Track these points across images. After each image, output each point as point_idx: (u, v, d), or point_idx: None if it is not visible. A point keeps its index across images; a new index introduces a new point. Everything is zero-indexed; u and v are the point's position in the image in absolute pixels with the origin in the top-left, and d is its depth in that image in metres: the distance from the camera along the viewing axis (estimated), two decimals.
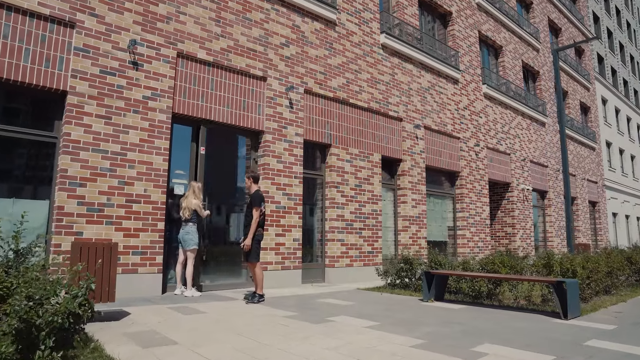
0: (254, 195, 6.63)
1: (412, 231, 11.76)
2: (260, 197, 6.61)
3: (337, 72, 10.38)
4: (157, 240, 7.00)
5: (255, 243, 6.48)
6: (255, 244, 6.50)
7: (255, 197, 6.59)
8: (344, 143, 10.34)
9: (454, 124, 14.09)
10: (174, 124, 7.72)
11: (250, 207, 6.59)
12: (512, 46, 18.45)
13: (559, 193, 20.38)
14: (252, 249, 6.44)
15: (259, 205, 6.52)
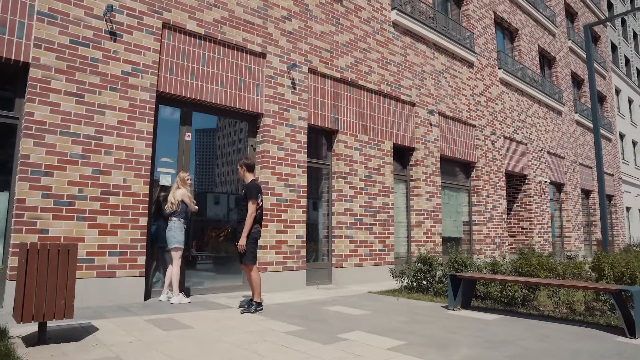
0: (249, 186, 5.65)
1: (427, 227, 10.76)
2: (256, 188, 5.64)
3: (344, 50, 9.35)
4: (138, 238, 6.02)
5: (251, 242, 5.52)
6: (252, 244, 5.53)
7: (250, 188, 5.61)
8: (352, 129, 9.32)
9: (470, 110, 13.05)
10: (159, 104, 6.72)
11: (244, 199, 5.62)
12: (528, 30, 17.34)
13: (576, 186, 19.33)
14: (248, 249, 5.48)
15: (255, 198, 5.55)
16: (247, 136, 7.87)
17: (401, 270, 7.80)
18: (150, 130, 6.31)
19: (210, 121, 7.55)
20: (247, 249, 5.47)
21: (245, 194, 5.61)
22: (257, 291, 5.58)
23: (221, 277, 7.36)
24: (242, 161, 5.85)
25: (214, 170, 7.68)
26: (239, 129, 7.94)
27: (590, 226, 21.09)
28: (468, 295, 6.26)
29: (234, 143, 7.92)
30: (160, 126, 6.74)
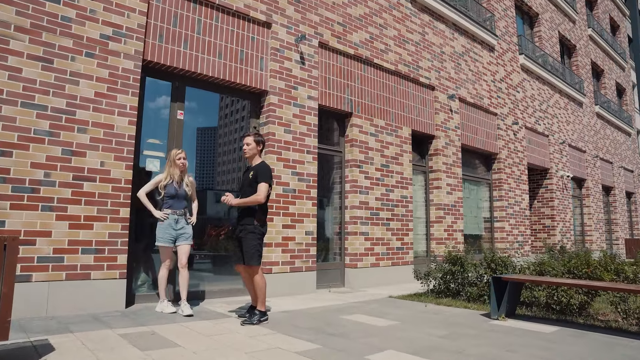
0: (262, 166, 4.64)
1: (447, 223, 9.73)
2: (270, 172, 4.66)
3: (358, 24, 8.34)
4: (119, 233, 5.02)
5: (256, 238, 4.50)
6: (257, 241, 4.51)
7: (264, 168, 4.63)
8: (367, 112, 8.30)
9: (491, 97, 12.01)
10: (146, 76, 5.73)
11: (250, 183, 4.60)
12: (548, 15, 16.29)
13: (597, 182, 18.26)
14: (253, 246, 4.46)
15: (269, 181, 4.58)
16: (249, 117, 6.86)
17: (427, 271, 6.78)
18: (135, 105, 5.31)
19: (206, 99, 6.54)
20: (253, 245, 4.45)
21: (255, 176, 4.55)
22: (261, 298, 4.56)
23: (219, 279, 6.36)
24: (254, 135, 4.73)
25: (215, 160, 6.68)
26: (241, 107, 6.93)
27: (610, 224, 20.01)
28: (513, 302, 5.24)
29: (233, 124, 6.91)
30: (148, 102, 5.75)
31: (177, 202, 5.03)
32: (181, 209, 5.05)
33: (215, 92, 6.56)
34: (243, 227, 4.53)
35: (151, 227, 5.35)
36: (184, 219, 5.05)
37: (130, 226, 5.17)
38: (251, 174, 4.61)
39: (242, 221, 4.58)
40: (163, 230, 4.93)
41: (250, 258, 4.45)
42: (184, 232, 5.00)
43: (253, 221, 4.51)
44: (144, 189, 5.01)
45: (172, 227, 4.94)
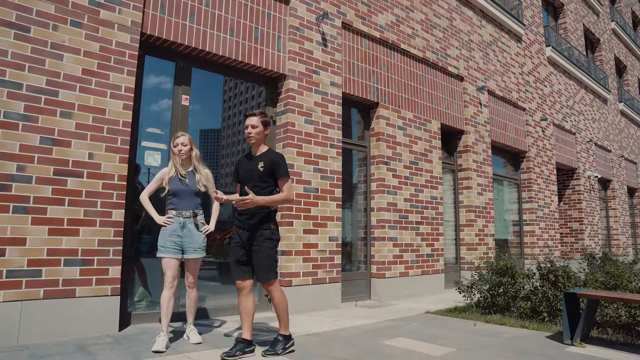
0: (277, 158, 3.59)
1: (479, 226, 8.81)
2: (286, 164, 3.69)
3: (383, 5, 7.45)
4: (111, 240, 4.13)
5: (273, 246, 3.55)
6: (274, 249, 3.56)
7: (282, 160, 3.60)
8: (395, 103, 7.41)
9: (519, 91, 11.10)
10: (145, 54, 4.84)
11: (265, 175, 3.54)
12: (573, 6, 15.38)
13: (622, 183, 17.30)
14: (269, 256, 3.48)
15: (287, 176, 3.60)
16: (265, 104, 5.96)
17: (471, 282, 5.86)
18: (131, 87, 4.42)
19: (213, 82, 5.66)
20: (270, 255, 3.49)
21: (269, 169, 3.53)
22: (285, 319, 3.60)
23: (229, 292, 5.45)
24: (260, 115, 3.62)
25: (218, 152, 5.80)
26: (256, 93, 6.04)
27: (635, 228, 19.03)
28: (588, 323, 4.32)
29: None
30: (148, 84, 4.86)
31: (182, 200, 3.91)
32: (189, 210, 3.91)
33: (225, 75, 5.67)
34: (257, 232, 3.47)
35: (150, 231, 4.47)
36: (192, 223, 3.91)
37: (125, 231, 4.27)
38: (260, 165, 3.54)
39: (252, 225, 3.49)
40: (164, 238, 3.84)
41: (269, 271, 3.47)
42: (192, 240, 3.88)
43: (270, 225, 3.54)
44: (147, 190, 3.99)
45: (176, 233, 3.84)
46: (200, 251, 3.95)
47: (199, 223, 3.95)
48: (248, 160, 3.67)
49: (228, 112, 5.88)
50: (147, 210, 3.93)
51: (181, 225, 3.87)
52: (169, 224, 3.87)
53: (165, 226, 3.87)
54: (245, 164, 3.67)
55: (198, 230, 3.94)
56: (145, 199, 3.93)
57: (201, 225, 3.96)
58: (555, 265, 5.29)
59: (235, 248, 3.55)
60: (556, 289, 5.11)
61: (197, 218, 3.96)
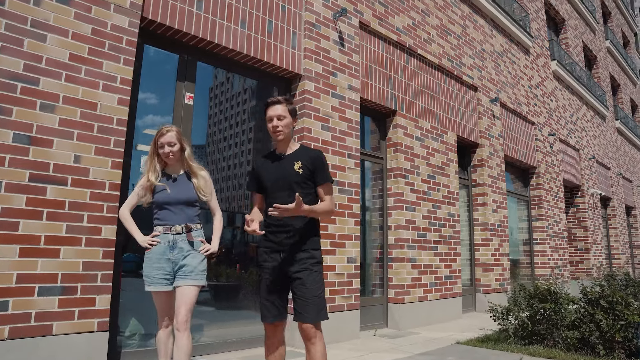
0: (318, 156, 2.69)
1: (494, 246, 8.20)
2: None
3: (400, 6, 6.89)
4: (99, 262, 3.37)
5: (321, 272, 2.61)
6: (322, 275, 2.63)
7: (324, 159, 2.70)
8: (412, 111, 6.81)
9: (529, 104, 10.65)
10: (144, 43, 4.14)
11: (306, 178, 2.63)
12: (573, 22, 15.18)
13: (621, 201, 17.01)
14: (321, 287, 2.54)
15: (332, 180, 2.73)
16: None
17: (507, 308, 5.20)
18: (128, 79, 3.71)
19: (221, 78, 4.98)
20: (321, 284, 2.53)
21: (311, 171, 2.62)
22: None
23: (233, 320, 4.69)
24: (286, 103, 2.69)
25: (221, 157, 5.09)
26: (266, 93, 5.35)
27: (632, 247, 18.72)
28: None
29: (261, 114, 5.33)
30: (146, 78, 4.15)
31: (172, 212, 2.95)
32: (180, 224, 2.93)
33: (234, 72, 4.99)
34: (303, 253, 2.55)
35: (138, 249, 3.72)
36: (185, 240, 2.92)
37: (116, 252, 3.52)
38: (298, 166, 2.62)
39: (295, 244, 2.55)
40: (150, 265, 2.90)
41: (321, 307, 2.49)
42: (185, 263, 2.88)
43: (319, 243, 2.67)
44: (127, 203, 3.05)
45: (165, 256, 2.89)
46: (197, 277, 2.88)
47: (195, 240, 2.96)
48: (276, 162, 2.71)
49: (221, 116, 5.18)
50: (128, 229, 3.01)
51: (170, 245, 2.89)
52: (154, 245, 2.90)
53: (150, 249, 2.91)
54: (271, 167, 2.70)
55: (193, 250, 2.94)
56: (125, 215, 3.01)
57: (198, 244, 2.98)
58: (608, 290, 4.66)
59: (267, 278, 2.60)
60: (611, 317, 4.48)
61: (193, 234, 2.96)
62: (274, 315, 2.57)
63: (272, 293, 2.58)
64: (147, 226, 2.98)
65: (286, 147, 2.72)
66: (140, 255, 3.87)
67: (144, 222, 3.02)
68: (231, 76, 5.09)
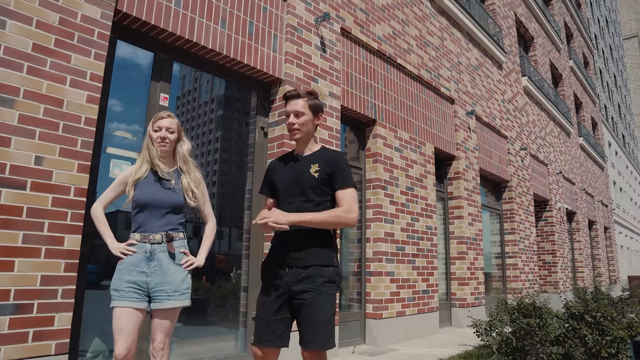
0: (339, 158, 2.36)
1: (470, 259, 8.15)
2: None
3: (381, 15, 6.81)
4: (60, 276, 3.02)
5: (334, 293, 2.25)
6: (334, 297, 2.26)
7: (342, 160, 2.38)
8: (392, 121, 6.69)
9: (502, 118, 10.78)
10: (117, 39, 3.85)
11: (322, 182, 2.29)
12: (541, 40, 15.60)
13: (585, 215, 17.47)
14: (331, 311, 2.19)
15: (353, 184, 2.34)
16: (255, 113, 5.04)
17: (490, 323, 5.08)
18: (99, 75, 3.40)
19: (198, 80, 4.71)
20: (331, 306, 2.20)
21: (329, 174, 2.29)
22: None
23: (203, 338, 4.38)
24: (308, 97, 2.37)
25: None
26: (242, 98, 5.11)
27: (593, 260, 19.25)
28: None
29: (230, 123, 5.08)
30: (119, 76, 3.84)
31: (152, 217, 2.52)
32: (160, 233, 2.50)
33: (212, 74, 4.73)
34: (312, 270, 2.19)
35: (99, 258, 3.40)
36: (165, 252, 2.48)
37: (81, 265, 3.18)
38: (314, 169, 2.29)
39: (304, 259, 2.21)
40: (120, 277, 2.43)
41: (329, 333, 2.16)
42: (163, 279, 2.44)
43: (333, 258, 2.28)
44: (102, 199, 2.63)
45: (139, 268, 2.44)
46: (181, 298, 2.47)
47: (176, 252, 2.52)
48: (292, 163, 2.40)
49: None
50: (99, 231, 2.55)
51: (147, 257, 2.45)
52: (128, 255, 2.46)
53: (123, 258, 2.47)
54: (285, 169, 2.40)
55: (174, 264, 2.50)
56: (98, 214, 2.57)
57: (180, 256, 2.53)
58: (592, 305, 4.61)
59: (268, 296, 2.26)
60: (597, 333, 4.42)
61: (174, 244, 2.52)
62: (268, 339, 2.20)
63: (270, 313, 2.22)
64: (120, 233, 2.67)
65: (304, 147, 2.40)
66: (101, 265, 3.56)
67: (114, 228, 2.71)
68: (198, 86, 4.81)
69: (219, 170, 4.89)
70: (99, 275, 3.67)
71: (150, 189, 2.53)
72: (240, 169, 4.95)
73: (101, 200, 2.61)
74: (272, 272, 2.28)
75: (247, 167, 4.99)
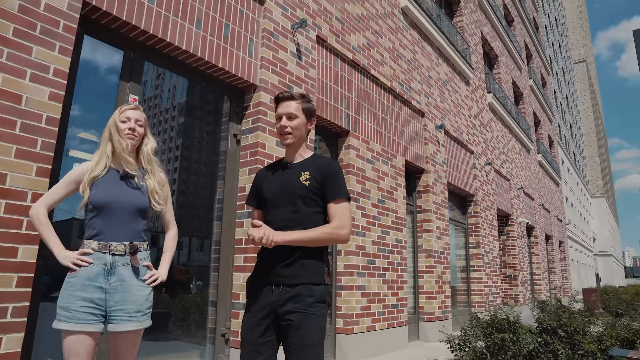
0: (332, 165, 2.17)
1: (438, 273, 8.15)
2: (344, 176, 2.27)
3: (356, 25, 6.76)
4: (11, 292, 2.72)
5: (324, 313, 2.06)
6: (325, 317, 2.11)
7: (336, 168, 2.17)
8: (365, 133, 6.62)
9: (469, 133, 10.96)
10: (85, 34, 3.58)
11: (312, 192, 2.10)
12: (504, 59, 16.09)
13: (543, 230, 18.02)
14: (320, 334, 2.00)
15: (347, 195, 2.15)
16: (228, 120, 4.84)
17: (464, 337, 5.02)
18: (64, 71, 3.14)
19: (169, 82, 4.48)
20: (320, 329, 2.02)
21: (320, 184, 2.11)
22: None
23: (162, 355, 4.10)
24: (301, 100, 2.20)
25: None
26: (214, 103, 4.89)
27: (549, 274, 19.84)
28: None
29: (201, 129, 4.86)
30: (84, 74, 3.57)
31: (113, 222, 2.16)
32: (123, 242, 2.15)
33: (184, 76, 4.50)
34: (301, 289, 2.01)
35: (49, 269, 3.10)
36: (128, 265, 2.15)
37: (36, 278, 2.88)
38: (305, 177, 2.11)
39: (293, 277, 2.03)
40: (71, 294, 2.05)
41: (317, 356, 1.99)
42: (126, 298, 2.11)
43: (324, 275, 2.10)
44: (45, 198, 2.20)
45: (95, 283, 2.08)
46: (143, 319, 2.16)
47: (140, 266, 2.19)
48: (280, 172, 2.22)
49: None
50: (42, 236, 2.14)
51: (106, 270, 2.09)
52: (82, 266, 2.07)
53: (75, 270, 2.07)
54: (274, 178, 2.21)
55: (138, 280, 2.17)
56: (40, 216, 2.14)
57: (144, 270, 2.21)
58: (565, 319, 4.63)
59: (253, 317, 2.06)
60: (569, 347, 4.43)
61: (139, 256, 2.19)
62: None
63: (257, 336, 2.03)
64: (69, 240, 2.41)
65: (295, 153, 2.22)
66: (51, 275, 3.24)
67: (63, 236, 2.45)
68: (159, 92, 4.56)
69: (187, 178, 4.64)
70: (47, 286, 3.36)
71: (112, 188, 2.17)
72: (210, 178, 4.72)
73: (45, 200, 2.18)
74: (257, 289, 2.10)
75: (217, 175, 4.77)
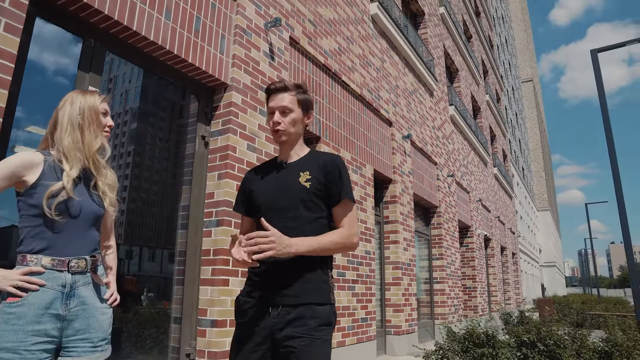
0: (336, 161, 1.87)
1: (405, 285, 8.01)
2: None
3: (328, 29, 6.58)
4: None
5: (329, 337, 1.73)
6: (330, 341, 1.73)
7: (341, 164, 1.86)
8: (335, 140, 6.41)
9: (432, 144, 11.00)
10: (37, 15, 3.17)
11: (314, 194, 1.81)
12: (464, 73, 16.45)
13: (498, 242, 18.42)
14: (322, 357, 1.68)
15: (352, 198, 1.85)
16: (196, 120, 4.49)
17: (442, 354, 4.84)
18: (12, 53, 2.72)
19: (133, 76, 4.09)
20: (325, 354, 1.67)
21: (324, 184, 1.82)
22: None
23: None
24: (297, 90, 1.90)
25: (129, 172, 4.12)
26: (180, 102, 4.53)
27: (504, 284, 20.30)
28: None
29: (165, 131, 4.47)
30: (35, 61, 3.15)
31: (69, 235, 1.73)
32: (83, 257, 1.74)
33: (149, 70, 4.12)
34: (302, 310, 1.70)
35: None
36: (90, 284, 1.77)
37: None
38: (304, 177, 1.84)
39: (293, 297, 1.72)
40: (20, 329, 1.57)
41: None
42: (89, 325, 1.73)
43: (329, 293, 1.80)
44: None
45: (52, 311, 1.64)
46: (107, 346, 1.81)
47: (101, 285, 1.84)
48: (274, 173, 1.93)
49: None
50: None
51: (66, 293, 1.69)
52: (30, 289, 1.63)
53: (20, 296, 1.61)
54: (267, 180, 1.92)
55: (100, 302, 1.80)
56: None
57: (104, 289, 1.85)
58: (544, 332, 4.55)
59: (246, 344, 1.75)
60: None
61: (99, 273, 1.83)
62: None
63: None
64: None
65: (290, 151, 1.93)
66: None
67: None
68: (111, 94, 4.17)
69: (128, 186, 4.25)
70: None
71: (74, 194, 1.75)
72: (174, 182, 4.35)
73: None
74: (250, 310, 1.78)
75: (183, 180, 4.39)
